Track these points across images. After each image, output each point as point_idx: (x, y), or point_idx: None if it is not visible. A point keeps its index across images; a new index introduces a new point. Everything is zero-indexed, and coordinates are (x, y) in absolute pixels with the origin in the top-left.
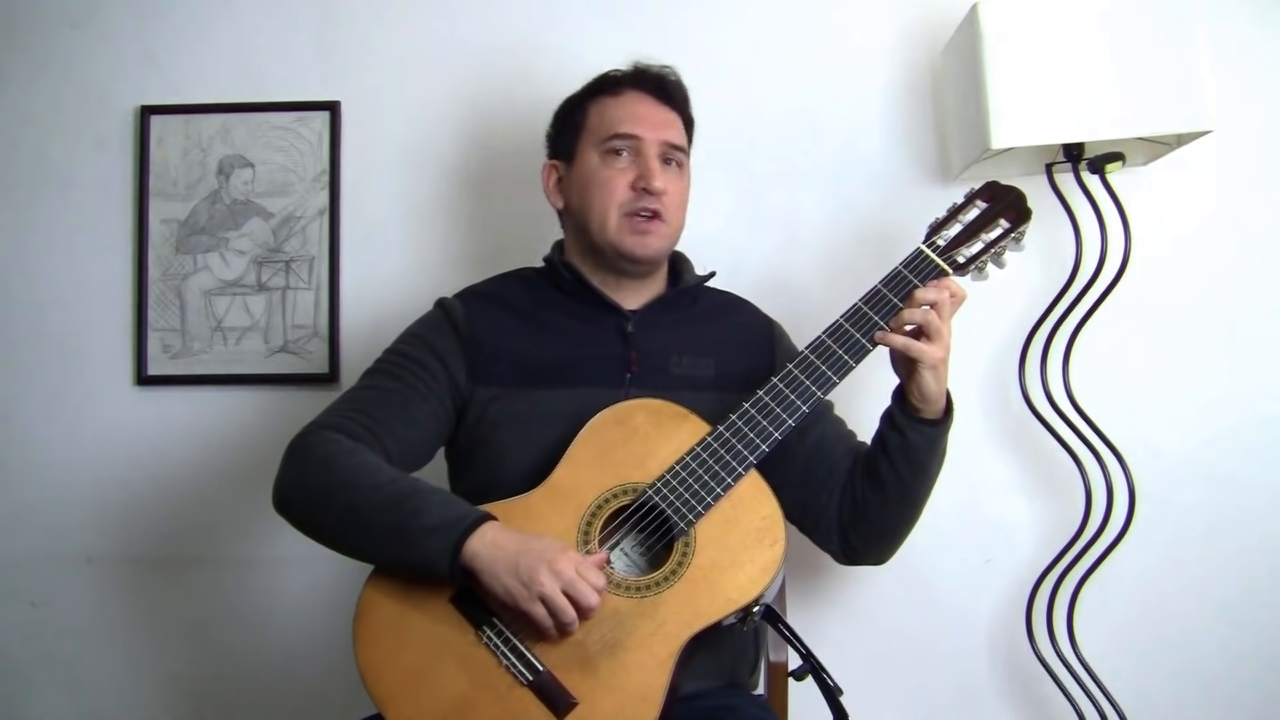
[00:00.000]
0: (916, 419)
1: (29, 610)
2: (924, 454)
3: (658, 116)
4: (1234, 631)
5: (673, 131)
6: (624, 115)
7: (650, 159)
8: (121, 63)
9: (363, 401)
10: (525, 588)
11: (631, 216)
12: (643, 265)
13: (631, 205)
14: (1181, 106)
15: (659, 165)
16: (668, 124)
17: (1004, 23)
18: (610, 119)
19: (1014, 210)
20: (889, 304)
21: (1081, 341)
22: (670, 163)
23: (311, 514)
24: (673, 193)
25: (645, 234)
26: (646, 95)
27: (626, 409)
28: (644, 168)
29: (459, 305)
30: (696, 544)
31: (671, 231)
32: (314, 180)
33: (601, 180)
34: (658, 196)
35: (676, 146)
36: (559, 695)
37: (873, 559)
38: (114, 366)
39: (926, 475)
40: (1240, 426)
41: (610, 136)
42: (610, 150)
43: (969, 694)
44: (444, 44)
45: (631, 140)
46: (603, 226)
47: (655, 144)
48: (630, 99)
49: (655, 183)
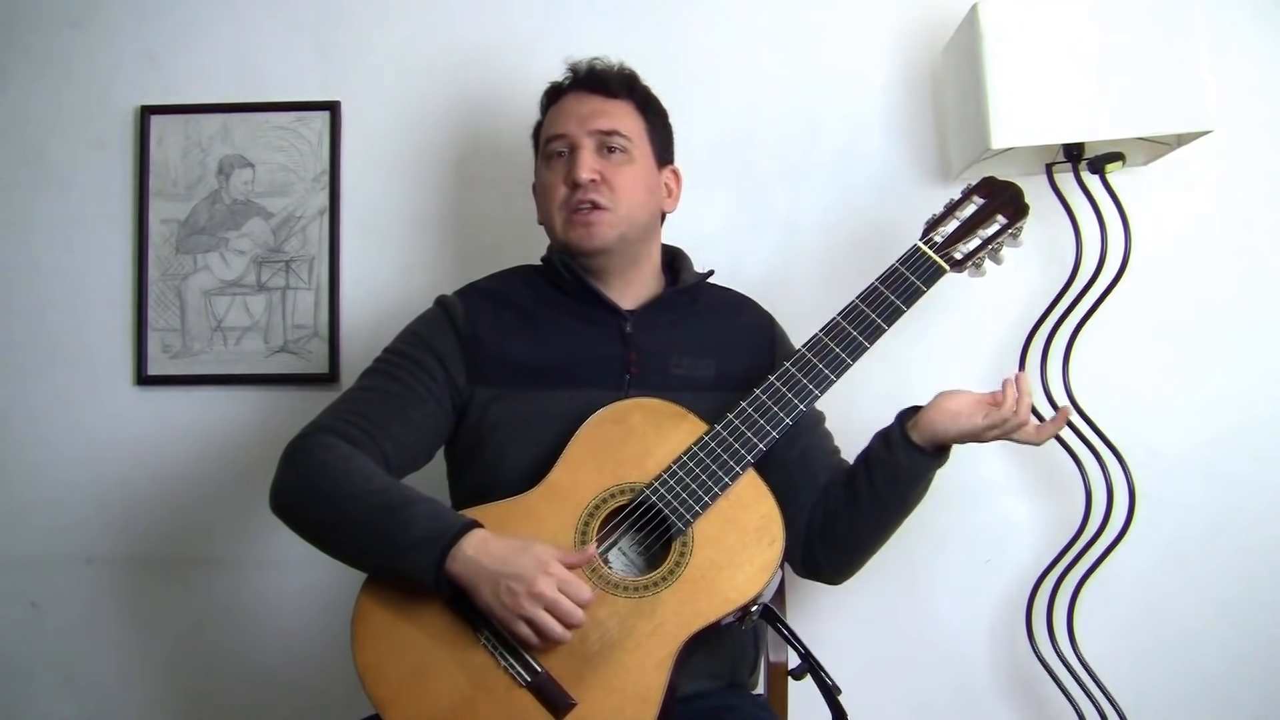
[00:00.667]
0: (914, 445)
1: (29, 610)
2: (907, 480)
3: (586, 108)
4: (1234, 631)
5: (604, 119)
6: (557, 117)
7: (579, 151)
8: (121, 63)
9: (361, 403)
10: (507, 610)
11: (573, 212)
12: (596, 257)
13: (569, 201)
14: (1181, 106)
15: (590, 156)
16: (598, 113)
17: (1004, 23)
18: (547, 126)
19: (1011, 206)
20: (886, 301)
21: (1081, 341)
22: (613, 150)
23: (306, 519)
24: (614, 179)
25: (586, 225)
26: (580, 91)
27: (624, 408)
28: (570, 164)
29: (459, 303)
30: (694, 543)
31: (620, 219)
32: (314, 180)
33: (544, 186)
34: (587, 187)
35: (610, 132)
36: (557, 696)
37: (830, 574)
38: (114, 366)
39: (903, 503)
40: (1240, 426)
41: (546, 140)
42: (548, 155)
43: (969, 694)
44: (444, 44)
45: (562, 139)
46: (552, 228)
47: (584, 136)
48: (565, 101)
49: (579, 174)
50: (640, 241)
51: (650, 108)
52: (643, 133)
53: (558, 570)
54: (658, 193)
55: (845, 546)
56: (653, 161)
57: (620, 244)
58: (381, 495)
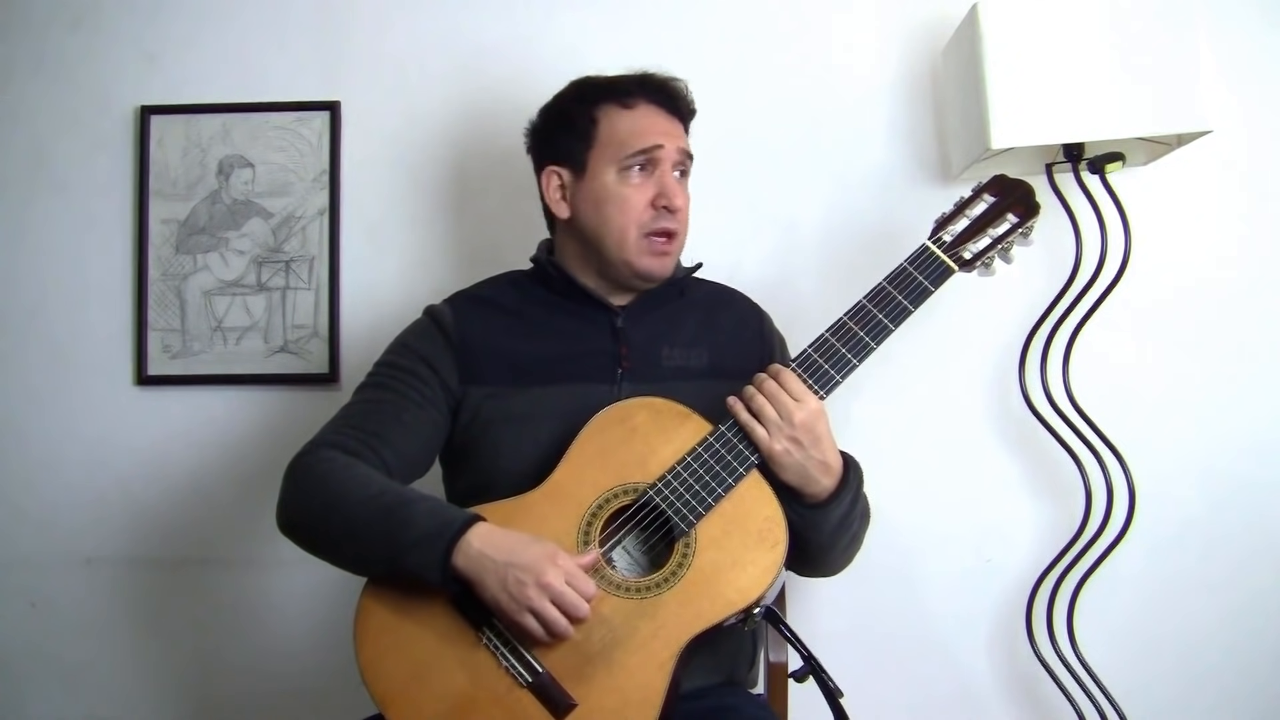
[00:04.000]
0: (793, 497)
1: (29, 610)
2: (807, 530)
3: (673, 128)
4: (1234, 631)
5: (684, 141)
6: (643, 128)
7: (668, 175)
8: (121, 63)
9: (357, 416)
10: (514, 601)
11: (650, 237)
12: (658, 283)
13: (652, 225)
14: (1181, 106)
15: (675, 181)
16: (678, 134)
17: (1004, 23)
18: (626, 132)
19: (1022, 205)
20: (894, 302)
21: (1081, 341)
22: (683, 175)
23: (311, 533)
24: (685, 207)
25: (664, 255)
26: (658, 106)
27: (628, 408)
28: (663, 185)
29: (447, 310)
30: (697, 545)
31: (681, 247)
32: (314, 180)
33: (621, 198)
34: (676, 214)
35: (690, 155)
36: (558, 696)
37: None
38: (114, 366)
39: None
40: (1240, 426)
41: (634, 153)
42: (628, 166)
43: (969, 694)
44: (444, 44)
45: (657, 152)
46: (621, 245)
47: (674, 156)
48: (645, 112)
49: (677, 200)
50: None
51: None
52: None
53: (565, 562)
54: None
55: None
56: None
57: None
58: (380, 498)
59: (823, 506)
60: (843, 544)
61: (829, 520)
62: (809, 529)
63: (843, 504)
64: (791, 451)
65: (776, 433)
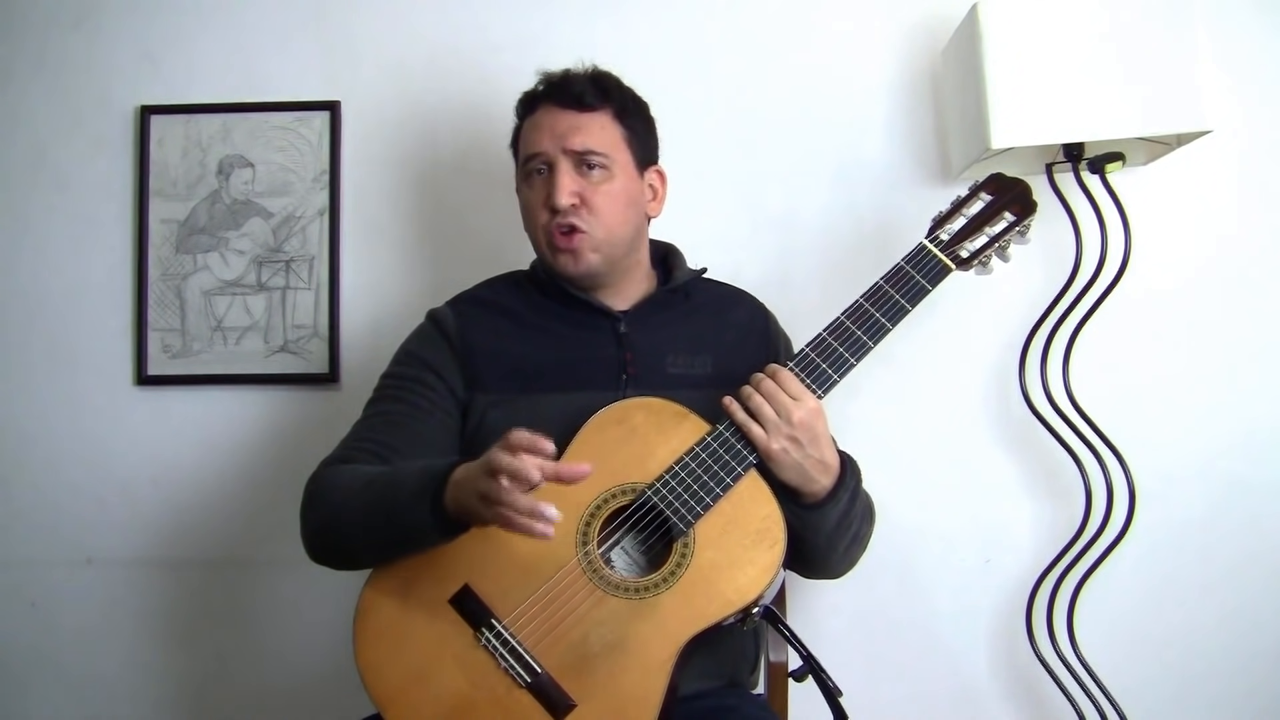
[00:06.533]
0: (790, 498)
1: (29, 610)
2: (806, 531)
3: (562, 125)
4: (1233, 631)
5: (579, 136)
6: (530, 134)
7: (557, 174)
8: (121, 63)
9: (368, 430)
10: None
11: (553, 237)
12: (581, 281)
13: (550, 224)
14: (1181, 106)
15: (569, 177)
16: (573, 130)
17: (1004, 23)
18: (524, 142)
19: (1019, 203)
20: (891, 300)
21: (1081, 341)
22: (592, 168)
23: (336, 545)
24: (593, 199)
25: (568, 251)
26: (554, 105)
27: (625, 408)
28: (549, 184)
29: (450, 314)
30: (696, 545)
31: (600, 240)
32: (314, 180)
33: (525, 206)
34: (566, 212)
35: (588, 151)
36: (558, 697)
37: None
38: (114, 366)
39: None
40: (1240, 426)
41: (524, 160)
42: (527, 173)
43: (969, 694)
44: (444, 44)
45: (538, 159)
46: (539, 251)
47: (560, 155)
48: (540, 115)
49: (558, 199)
50: (626, 254)
51: (628, 112)
52: (621, 143)
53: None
54: (640, 202)
55: (803, 568)
56: (634, 170)
57: (605, 264)
58: (376, 481)
59: (820, 506)
60: (844, 544)
61: (828, 520)
62: (808, 530)
63: (840, 503)
64: (789, 451)
65: (775, 432)
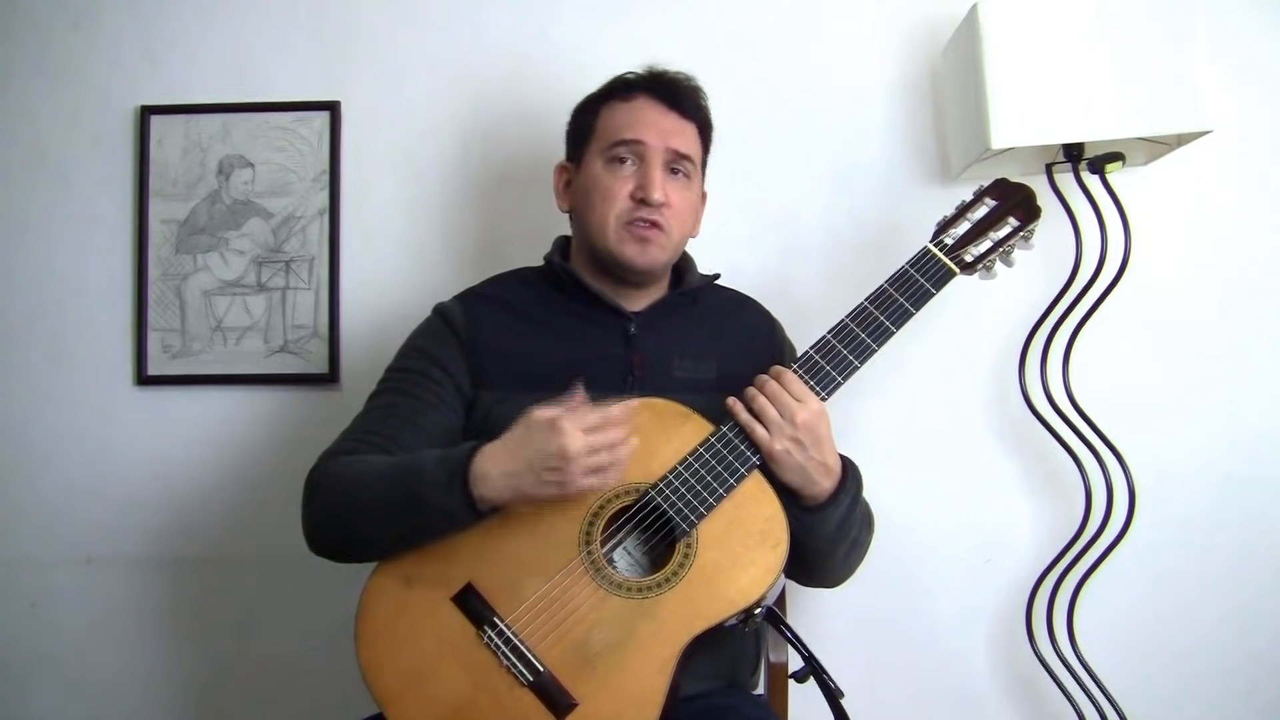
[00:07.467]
0: (791, 500)
1: (29, 610)
2: (806, 534)
3: (666, 123)
4: (1233, 631)
5: (680, 140)
6: (631, 121)
7: (653, 168)
8: (121, 63)
9: (371, 422)
10: (565, 485)
11: (630, 225)
12: (641, 274)
13: (630, 215)
14: (1181, 106)
15: (662, 175)
16: (676, 131)
17: (1004, 23)
18: (617, 124)
19: (1023, 208)
20: (895, 304)
21: (1081, 341)
22: (677, 173)
23: (340, 538)
24: (675, 204)
25: (644, 242)
26: (657, 101)
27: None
28: (645, 177)
29: (458, 309)
30: (699, 545)
31: (672, 244)
32: (314, 180)
33: (603, 188)
34: (657, 208)
35: (683, 155)
36: (559, 696)
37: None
38: (114, 366)
39: (830, 547)
40: (1240, 426)
41: (615, 143)
42: (614, 157)
43: (969, 694)
44: (444, 44)
45: (635, 146)
46: (601, 233)
47: (660, 151)
48: (640, 105)
49: (654, 194)
50: (673, 260)
51: (707, 131)
52: (699, 157)
53: (564, 423)
54: (698, 216)
55: (809, 572)
56: (700, 186)
57: (663, 266)
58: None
59: (821, 509)
60: (844, 548)
61: (828, 523)
62: (808, 533)
63: (841, 506)
64: (792, 452)
65: (778, 433)
